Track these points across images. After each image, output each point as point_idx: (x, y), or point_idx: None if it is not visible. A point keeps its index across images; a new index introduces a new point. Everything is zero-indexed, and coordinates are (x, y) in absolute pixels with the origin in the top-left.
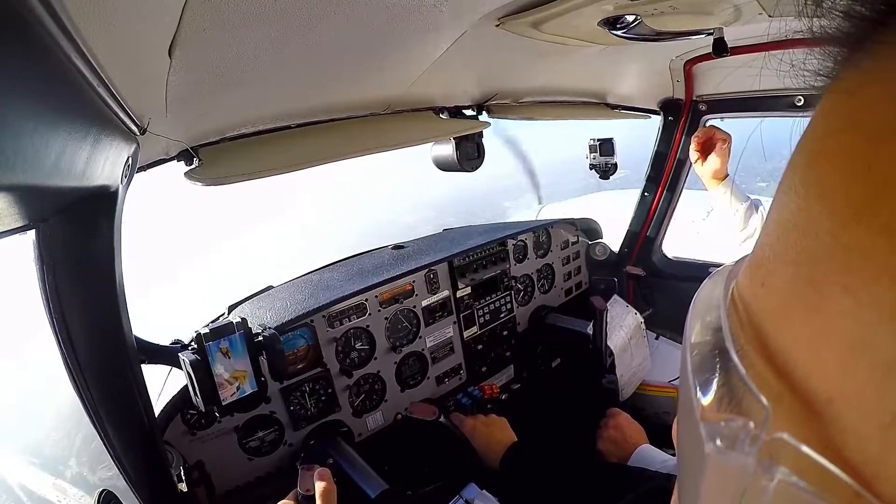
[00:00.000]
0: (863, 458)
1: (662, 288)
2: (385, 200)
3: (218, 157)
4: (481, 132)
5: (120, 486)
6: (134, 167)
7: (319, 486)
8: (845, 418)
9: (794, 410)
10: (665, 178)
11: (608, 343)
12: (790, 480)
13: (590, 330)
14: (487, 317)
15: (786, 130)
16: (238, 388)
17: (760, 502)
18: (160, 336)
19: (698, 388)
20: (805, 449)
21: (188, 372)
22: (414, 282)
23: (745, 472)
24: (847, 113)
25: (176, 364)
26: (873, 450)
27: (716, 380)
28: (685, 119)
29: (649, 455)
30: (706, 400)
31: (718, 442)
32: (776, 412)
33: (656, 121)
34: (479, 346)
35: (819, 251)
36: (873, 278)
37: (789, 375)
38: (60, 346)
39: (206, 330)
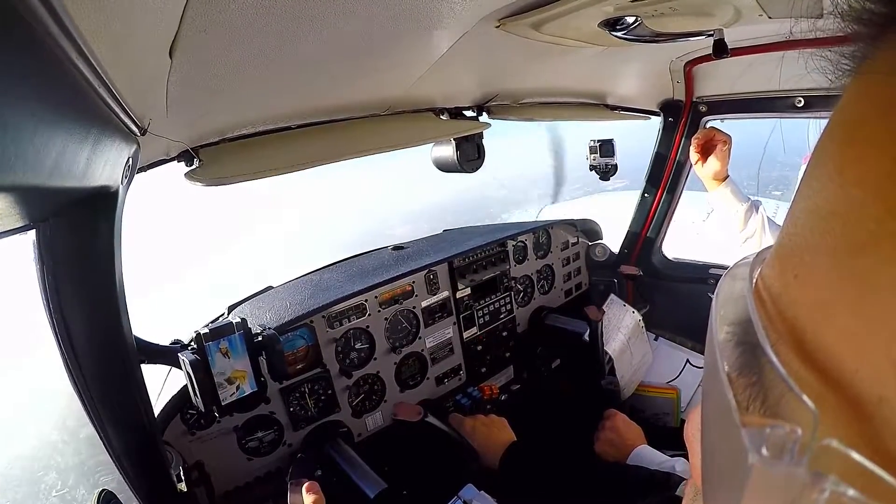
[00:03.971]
0: None
1: (662, 289)
2: (374, 209)
3: (218, 157)
4: (481, 133)
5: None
6: (134, 168)
7: (309, 500)
8: None
9: (839, 412)
10: (665, 179)
11: (606, 348)
12: (842, 490)
13: (587, 337)
14: (487, 317)
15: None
16: (238, 389)
17: None
18: (159, 336)
19: (732, 388)
20: (856, 456)
21: (188, 372)
22: (414, 282)
23: (794, 483)
24: (886, 94)
25: (175, 364)
26: None
27: (749, 376)
28: (685, 120)
29: (647, 456)
30: (742, 401)
31: (764, 451)
32: (821, 414)
33: (655, 122)
34: (479, 347)
35: (862, 240)
36: None
37: (832, 374)
38: (60, 347)
39: (206, 330)
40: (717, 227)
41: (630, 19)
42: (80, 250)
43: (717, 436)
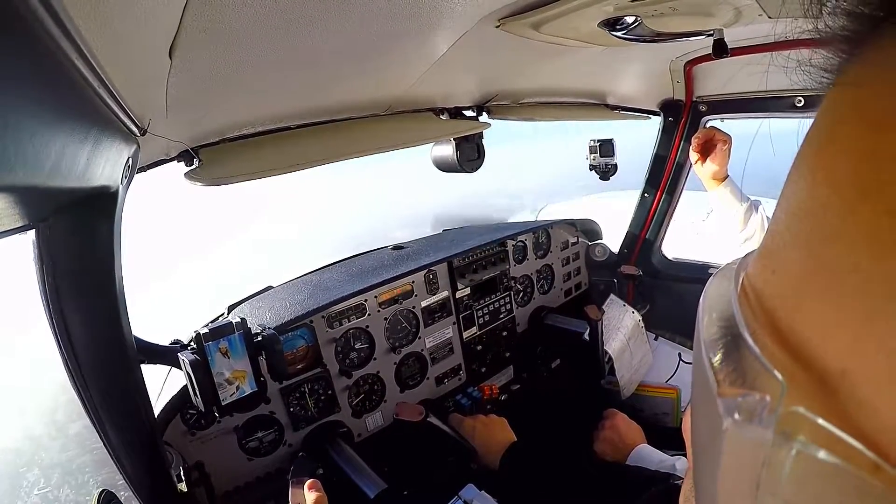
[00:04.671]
0: (880, 428)
1: (662, 289)
2: (374, 210)
3: (218, 157)
4: (481, 133)
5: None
6: (134, 168)
7: (311, 498)
8: (860, 390)
9: (808, 386)
10: (665, 180)
11: (606, 348)
12: (809, 451)
13: (587, 337)
14: (487, 317)
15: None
16: (237, 389)
17: (780, 474)
18: (158, 335)
19: (713, 372)
20: (821, 421)
21: (188, 372)
22: (413, 282)
23: (764, 444)
24: (853, 103)
25: (175, 364)
26: (890, 420)
27: (730, 363)
28: (685, 120)
29: (647, 455)
30: (722, 381)
31: (737, 416)
32: (791, 387)
33: (655, 122)
34: (479, 347)
35: (828, 233)
36: (881, 255)
37: (803, 354)
38: (60, 347)
39: (206, 330)
40: (716, 227)
41: (630, 19)
42: (80, 250)
43: (701, 414)
